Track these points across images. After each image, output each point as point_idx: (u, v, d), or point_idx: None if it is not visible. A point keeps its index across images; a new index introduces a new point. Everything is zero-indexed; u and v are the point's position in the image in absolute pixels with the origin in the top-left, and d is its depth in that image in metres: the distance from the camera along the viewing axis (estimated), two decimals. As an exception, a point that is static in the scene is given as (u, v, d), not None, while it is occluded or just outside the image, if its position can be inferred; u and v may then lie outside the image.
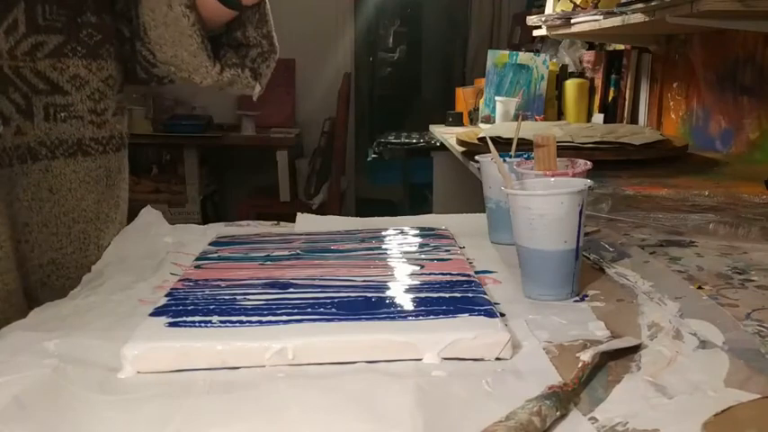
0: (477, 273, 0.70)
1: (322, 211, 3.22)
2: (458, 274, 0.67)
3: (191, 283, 0.66)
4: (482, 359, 0.53)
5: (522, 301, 0.66)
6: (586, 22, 2.01)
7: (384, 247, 0.79)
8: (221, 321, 0.56)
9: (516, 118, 2.33)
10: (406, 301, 0.60)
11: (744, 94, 1.70)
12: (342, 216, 1.01)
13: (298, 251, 0.77)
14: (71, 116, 0.80)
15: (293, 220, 0.97)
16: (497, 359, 0.53)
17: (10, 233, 0.74)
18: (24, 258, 0.77)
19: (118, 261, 0.80)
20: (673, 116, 2.07)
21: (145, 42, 0.84)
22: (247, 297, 0.62)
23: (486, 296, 0.61)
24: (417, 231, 0.86)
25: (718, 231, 0.92)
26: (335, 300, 0.60)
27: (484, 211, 0.89)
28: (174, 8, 0.78)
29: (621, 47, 2.37)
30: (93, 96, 0.82)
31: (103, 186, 0.84)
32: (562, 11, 2.32)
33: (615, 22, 1.75)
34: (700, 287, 0.69)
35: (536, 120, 2.53)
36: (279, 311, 0.58)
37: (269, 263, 0.73)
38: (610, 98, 2.40)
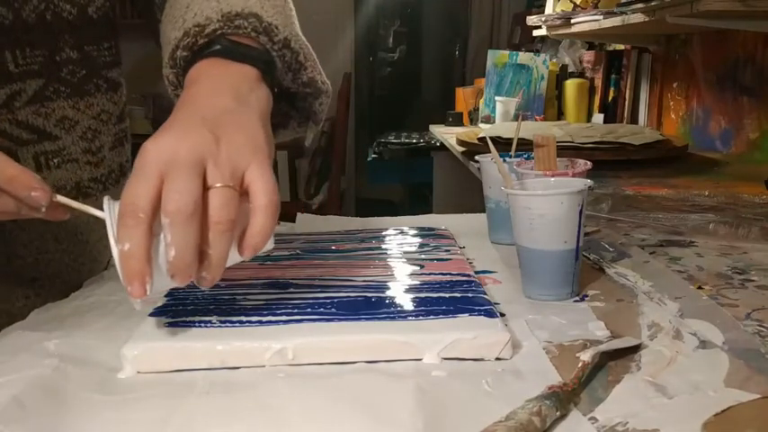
0: (477, 273, 0.70)
1: (322, 211, 3.22)
2: (458, 274, 0.67)
3: (190, 283, 0.66)
4: (482, 359, 0.53)
5: (522, 301, 0.66)
6: (586, 22, 2.01)
7: (384, 247, 0.79)
8: (221, 321, 0.56)
9: (516, 118, 2.33)
10: (405, 301, 0.60)
11: (744, 94, 1.70)
12: (342, 216, 1.01)
13: (298, 251, 0.77)
14: (65, 161, 0.73)
15: (293, 220, 0.97)
16: (497, 359, 0.53)
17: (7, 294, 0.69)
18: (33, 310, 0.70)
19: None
20: (673, 116, 2.07)
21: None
22: (247, 297, 0.62)
23: (486, 296, 0.61)
24: (417, 231, 0.86)
25: (718, 231, 0.92)
26: (335, 300, 0.60)
27: (484, 211, 0.89)
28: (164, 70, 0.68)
29: (621, 47, 2.37)
30: (86, 136, 0.75)
31: (103, 221, 0.81)
32: (562, 11, 2.32)
33: (615, 22, 1.75)
34: (700, 287, 0.69)
35: (536, 120, 2.53)
36: (279, 311, 0.58)
37: (269, 263, 0.73)
38: (610, 98, 2.40)
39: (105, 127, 0.77)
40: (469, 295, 0.61)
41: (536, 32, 2.62)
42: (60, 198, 0.54)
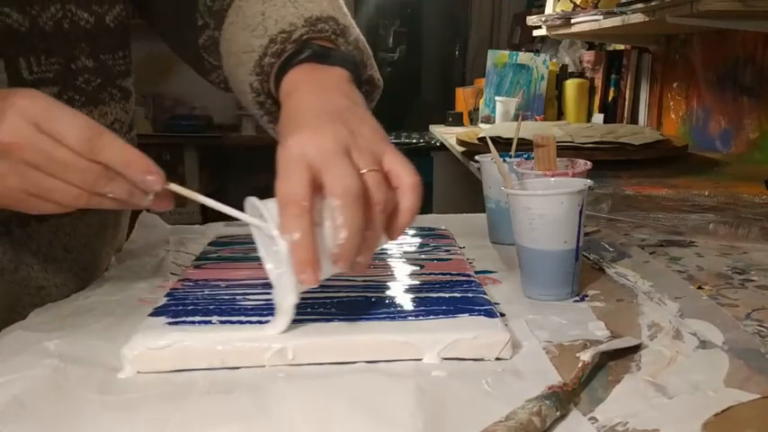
0: (477, 273, 0.70)
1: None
2: (458, 274, 0.67)
3: (190, 283, 0.66)
4: (482, 359, 0.53)
5: (522, 301, 0.66)
6: (586, 22, 2.01)
7: (384, 246, 0.79)
8: (221, 321, 0.56)
9: (516, 118, 2.33)
10: (406, 301, 0.60)
11: (744, 94, 1.70)
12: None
13: (298, 251, 0.77)
14: None
15: (293, 220, 0.97)
16: (497, 359, 0.53)
17: (12, 302, 0.68)
18: None
19: (118, 261, 0.80)
20: (673, 116, 2.07)
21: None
22: (247, 297, 0.62)
23: (486, 296, 0.61)
24: (417, 231, 0.86)
25: (718, 231, 0.92)
26: (335, 300, 0.60)
27: (484, 211, 0.89)
28: (251, 110, 0.70)
29: (621, 47, 2.37)
30: None
31: (112, 231, 0.80)
32: (562, 11, 2.32)
33: (615, 22, 1.75)
34: (700, 287, 0.69)
35: (536, 120, 2.53)
36: (279, 311, 0.58)
37: (269, 263, 0.73)
38: (610, 98, 2.40)
39: (117, 135, 0.76)
40: (469, 295, 0.61)
41: (536, 32, 2.62)
42: (173, 186, 0.54)
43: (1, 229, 0.66)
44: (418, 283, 0.65)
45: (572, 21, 2.15)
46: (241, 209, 0.54)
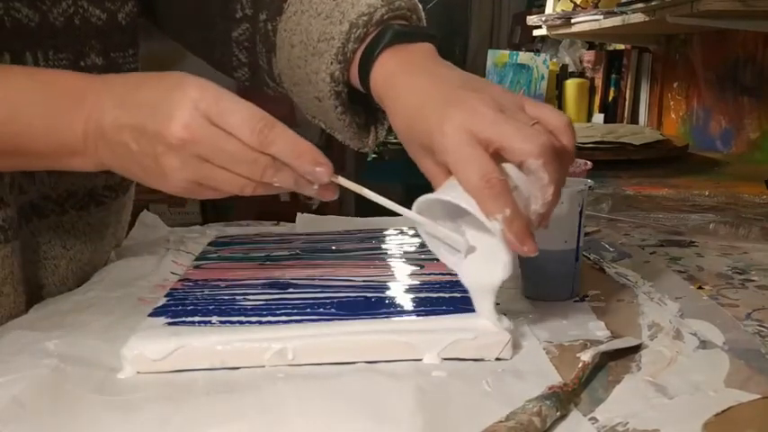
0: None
1: (322, 211, 3.22)
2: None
3: (190, 284, 0.66)
4: (482, 359, 0.53)
5: (522, 301, 0.66)
6: (586, 22, 2.01)
7: (384, 247, 0.79)
8: (221, 321, 0.56)
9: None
10: (406, 302, 0.60)
11: (744, 94, 1.70)
12: (342, 216, 1.01)
13: (297, 251, 0.77)
14: None
15: (293, 220, 0.97)
16: (497, 359, 0.53)
17: (26, 297, 0.68)
18: None
19: (117, 261, 0.80)
20: (673, 116, 2.07)
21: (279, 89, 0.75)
22: (247, 297, 0.62)
23: (486, 296, 0.61)
24: (417, 231, 0.85)
25: (718, 231, 0.92)
26: (335, 300, 0.60)
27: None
28: (324, 102, 0.66)
29: (621, 47, 2.37)
30: None
31: (113, 230, 0.79)
32: (562, 11, 2.32)
33: (615, 21, 1.75)
34: (700, 287, 0.69)
35: (536, 120, 2.53)
36: (279, 311, 0.58)
37: (269, 263, 0.73)
38: (610, 98, 2.40)
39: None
40: (469, 295, 0.60)
41: (536, 32, 2.62)
42: (341, 179, 0.54)
43: (8, 231, 0.65)
44: (418, 283, 0.65)
45: (572, 21, 2.15)
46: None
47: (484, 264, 0.53)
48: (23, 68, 0.62)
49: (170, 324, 0.56)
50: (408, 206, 0.55)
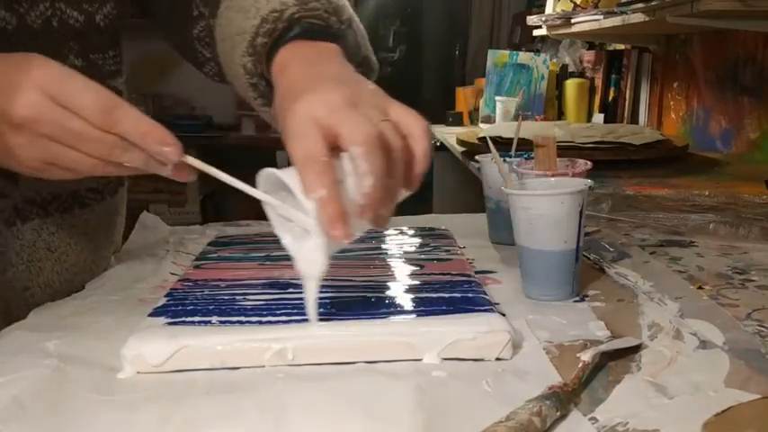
0: (477, 273, 0.70)
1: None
2: (458, 275, 0.67)
3: (190, 284, 0.66)
4: (482, 359, 0.53)
5: (522, 301, 0.66)
6: (586, 22, 2.01)
7: (384, 247, 0.79)
8: (221, 321, 0.56)
9: (516, 118, 2.33)
10: (405, 302, 0.60)
11: (744, 94, 1.70)
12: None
13: (298, 251, 0.77)
14: None
15: (293, 220, 0.97)
16: (497, 359, 0.53)
17: (4, 304, 0.68)
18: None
19: (118, 262, 0.80)
20: (673, 116, 2.07)
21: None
22: (247, 297, 0.62)
23: (486, 296, 0.61)
24: (417, 231, 0.86)
25: (718, 231, 0.92)
26: (335, 300, 0.60)
27: (484, 211, 0.89)
28: (246, 93, 0.69)
29: (621, 47, 2.37)
30: None
31: (102, 232, 0.79)
32: (562, 11, 2.32)
33: (615, 21, 1.75)
34: (700, 287, 0.69)
35: (536, 120, 2.53)
36: (279, 311, 0.58)
37: (268, 263, 0.73)
38: (610, 98, 2.40)
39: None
40: (469, 295, 0.61)
41: (536, 32, 2.62)
42: (189, 159, 0.55)
43: None
44: (418, 283, 0.65)
45: (572, 21, 2.15)
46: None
47: (314, 248, 0.52)
48: None
49: (170, 324, 0.56)
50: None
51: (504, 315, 0.58)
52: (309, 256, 0.53)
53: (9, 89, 0.52)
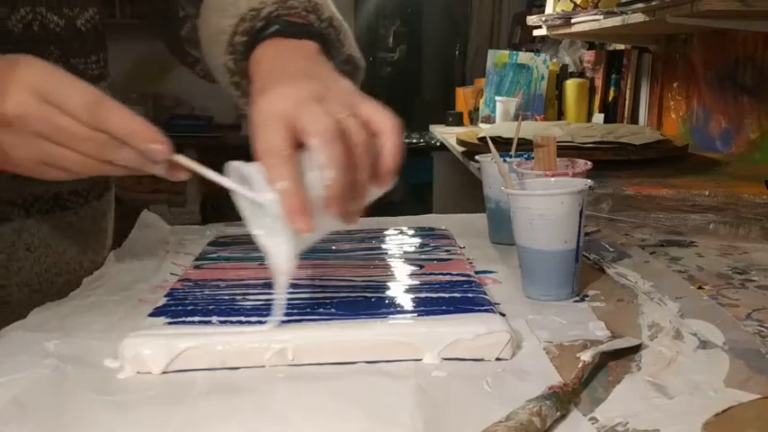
0: (477, 273, 0.70)
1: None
2: (458, 275, 0.67)
3: (190, 284, 0.66)
4: (482, 359, 0.53)
5: (522, 301, 0.66)
6: (586, 22, 2.01)
7: (384, 247, 0.79)
8: (221, 321, 0.56)
9: (516, 118, 2.33)
10: (405, 302, 0.60)
11: (744, 94, 1.70)
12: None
13: (298, 251, 0.77)
14: None
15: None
16: (497, 359, 0.53)
17: None
18: (6, 320, 0.66)
19: (117, 262, 0.80)
20: (673, 116, 2.07)
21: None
22: (247, 297, 0.62)
23: (486, 296, 0.61)
24: (417, 231, 0.86)
25: (718, 231, 0.92)
26: (335, 300, 0.60)
27: (484, 211, 0.89)
28: (229, 91, 0.70)
29: (622, 47, 2.37)
30: None
31: (86, 235, 0.78)
32: (562, 11, 2.32)
33: (615, 21, 1.75)
34: (700, 287, 0.69)
35: (536, 120, 2.53)
36: (279, 311, 0.58)
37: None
38: (610, 98, 2.40)
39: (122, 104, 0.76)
40: (469, 295, 0.61)
41: (536, 32, 2.62)
42: (179, 158, 0.55)
43: None
44: (418, 283, 0.65)
45: (572, 21, 2.15)
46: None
47: (281, 243, 0.52)
48: None
49: (170, 324, 0.56)
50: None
51: (504, 315, 0.58)
52: (278, 251, 0.53)
53: None
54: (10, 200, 0.69)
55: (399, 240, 0.82)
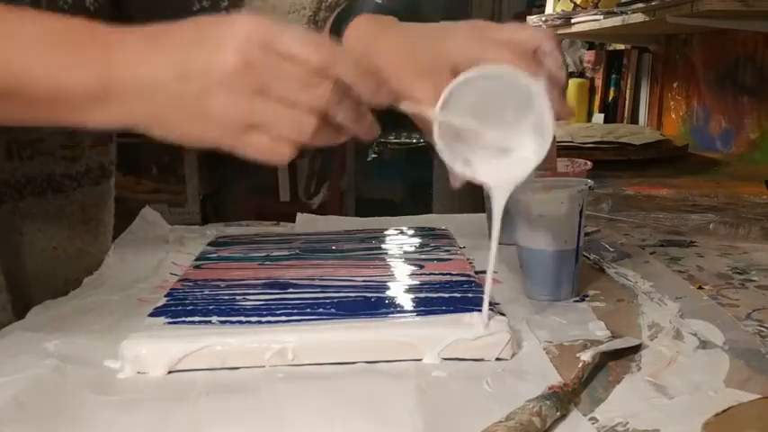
0: (477, 273, 0.70)
1: (322, 211, 3.21)
2: (458, 275, 0.67)
3: (190, 284, 0.66)
4: (482, 359, 0.53)
5: (522, 301, 0.66)
6: (586, 22, 2.01)
7: (384, 247, 0.79)
8: (221, 321, 0.56)
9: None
10: (405, 302, 0.60)
11: (744, 94, 1.70)
12: (342, 216, 1.01)
13: (297, 251, 0.77)
14: (39, 153, 0.70)
15: (293, 220, 0.97)
16: (498, 359, 0.53)
17: None
18: None
19: (117, 261, 0.80)
20: (673, 116, 2.07)
21: None
22: (247, 297, 0.62)
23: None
24: (417, 231, 0.86)
25: (718, 231, 0.92)
26: (335, 300, 0.60)
27: (484, 211, 0.89)
28: None
29: (622, 47, 2.37)
30: (65, 128, 0.65)
31: (76, 221, 0.76)
32: (562, 11, 2.32)
33: (615, 21, 1.75)
34: (700, 287, 0.69)
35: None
36: (278, 311, 0.58)
37: (269, 263, 0.73)
38: (610, 98, 2.39)
39: None
40: (469, 295, 0.61)
41: (536, 32, 2.62)
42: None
43: None
44: (418, 283, 0.65)
45: (572, 21, 2.14)
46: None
47: (513, 159, 0.56)
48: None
49: (170, 324, 0.56)
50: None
51: (504, 315, 0.58)
52: (513, 161, 0.56)
53: (211, 43, 0.47)
54: (4, 180, 0.68)
55: (399, 240, 0.82)
